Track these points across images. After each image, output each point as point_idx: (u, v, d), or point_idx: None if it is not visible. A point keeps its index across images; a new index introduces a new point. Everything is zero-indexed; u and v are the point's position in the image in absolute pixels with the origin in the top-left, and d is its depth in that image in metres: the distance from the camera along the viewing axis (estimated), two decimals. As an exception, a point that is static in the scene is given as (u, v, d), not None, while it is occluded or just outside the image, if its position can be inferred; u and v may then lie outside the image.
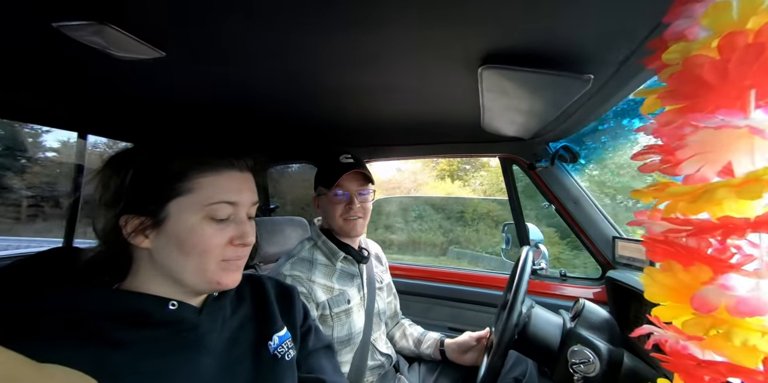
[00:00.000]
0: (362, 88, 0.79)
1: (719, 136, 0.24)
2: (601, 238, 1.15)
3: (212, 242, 0.43)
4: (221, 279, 0.45)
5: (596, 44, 0.53)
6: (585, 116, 0.85)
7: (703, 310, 0.24)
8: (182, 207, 0.43)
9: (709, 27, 0.24)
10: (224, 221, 0.45)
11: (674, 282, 0.28)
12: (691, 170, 0.26)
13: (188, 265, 0.43)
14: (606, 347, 0.72)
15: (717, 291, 0.23)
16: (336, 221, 0.90)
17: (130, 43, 0.55)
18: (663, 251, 0.29)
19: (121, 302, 0.42)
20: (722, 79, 0.23)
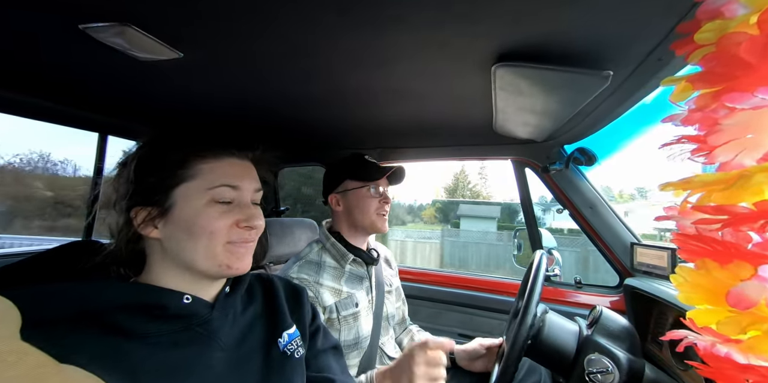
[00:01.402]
0: (373, 90, 0.80)
1: (759, 117, 0.22)
2: (618, 244, 1.11)
3: (218, 223, 0.45)
4: (231, 263, 0.45)
5: (616, 40, 0.51)
6: (602, 116, 0.83)
7: (740, 307, 0.22)
8: (187, 193, 0.45)
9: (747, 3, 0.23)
10: (228, 205, 0.46)
11: (710, 282, 0.26)
12: (727, 156, 0.24)
13: (198, 248, 0.44)
14: (626, 356, 0.68)
15: (756, 285, 0.21)
16: (369, 216, 0.91)
17: (150, 43, 0.56)
18: (696, 248, 0.27)
19: (138, 294, 0.42)
20: (763, 57, 0.21)
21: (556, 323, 0.77)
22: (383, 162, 1.48)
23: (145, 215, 0.44)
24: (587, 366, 0.68)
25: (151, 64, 0.64)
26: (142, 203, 0.44)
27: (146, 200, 0.44)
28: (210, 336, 0.45)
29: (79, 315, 0.37)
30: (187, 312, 0.44)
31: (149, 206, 0.44)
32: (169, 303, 0.43)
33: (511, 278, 1.42)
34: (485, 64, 0.63)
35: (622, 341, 0.74)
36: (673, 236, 0.30)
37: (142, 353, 0.38)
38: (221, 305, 0.48)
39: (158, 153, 0.46)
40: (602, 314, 0.80)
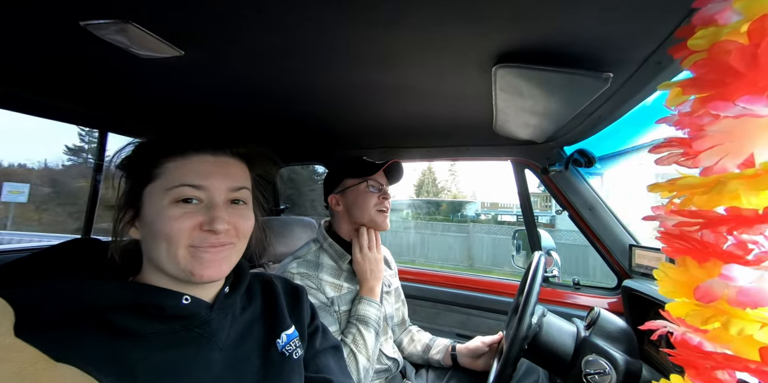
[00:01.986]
0: (374, 89, 0.80)
1: (741, 125, 0.23)
2: (617, 246, 1.11)
3: (175, 225, 0.41)
4: (194, 270, 0.42)
5: (617, 42, 0.52)
6: (602, 117, 0.83)
7: (704, 301, 0.23)
8: (152, 193, 0.43)
9: (741, 11, 0.23)
10: (192, 206, 0.43)
11: (687, 278, 0.27)
12: (710, 161, 0.24)
13: (160, 251, 0.42)
14: (623, 358, 0.68)
15: (720, 282, 0.22)
16: (369, 212, 0.91)
17: (151, 41, 0.57)
18: (679, 246, 0.28)
19: (137, 295, 0.42)
20: (751, 65, 0.22)
21: (554, 324, 0.78)
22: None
23: (126, 217, 0.44)
24: (585, 368, 0.68)
25: (153, 61, 0.64)
26: (126, 204, 0.45)
27: (127, 200, 0.45)
28: (208, 337, 0.44)
29: (75, 314, 0.37)
30: (186, 313, 0.44)
31: (130, 208, 0.44)
32: (168, 303, 0.42)
33: (509, 278, 1.42)
34: (486, 64, 0.63)
35: (619, 342, 0.74)
36: (659, 234, 0.30)
37: (139, 353, 0.38)
38: (220, 305, 0.47)
39: (136, 154, 0.46)
40: (600, 315, 0.80)
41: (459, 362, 0.99)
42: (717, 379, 0.25)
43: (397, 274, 1.11)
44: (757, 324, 0.23)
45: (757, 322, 0.23)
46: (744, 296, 0.22)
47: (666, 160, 0.31)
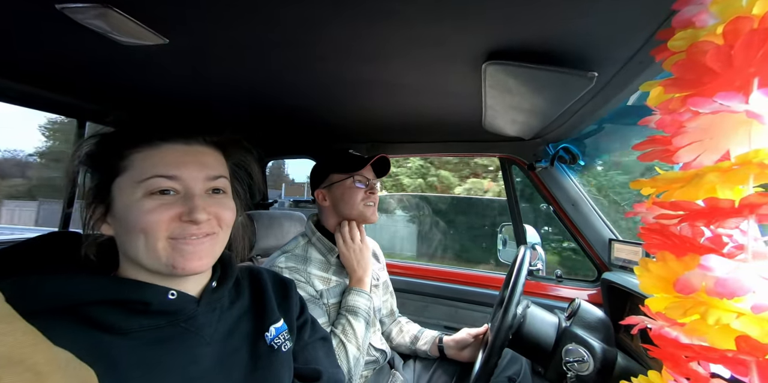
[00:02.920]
0: (363, 84, 0.79)
1: (718, 122, 0.24)
2: (597, 240, 1.15)
3: (151, 218, 0.40)
4: (176, 262, 0.41)
5: (602, 41, 0.53)
6: (586, 115, 0.85)
7: (684, 292, 0.24)
8: (121, 186, 0.41)
9: (717, 13, 0.25)
10: (169, 197, 0.42)
11: (666, 273, 0.28)
12: (689, 157, 0.26)
13: (138, 246, 0.40)
14: (600, 346, 0.72)
15: (699, 273, 0.24)
16: (356, 207, 0.91)
17: (133, 28, 0.54)
18: (658, 241, 0.29)
19: (120, 290, 0.41)
20: (726, 65, 0.23)
21: (537, 316, 0.81)
22: (374, 157, 1.49)
23: (96, 213, 0.43)
24: (565, 356, 0.71)
25: (135, 49, 0.62)
26: (95, 199, 0.43)
27: (95, 196, 0.43)
28: (195, 332, 0.44)
29: (56, 309, 0.36)
30: (172, 308, 0.43)
31: (98, 203, 0.43)
32: (153, 299, 0.42)
33: (495, 272, 1.46)
34: (476, 61, 0.64)
35: (597, 332, 0.77)
36: (640, 230, 0.32)
37: (123, 348, 0.37)
38: (207, 300, 0.47)
39: (99, 145, 0.44)
40: (580, 306, 0.83)
41: (445, 353, 1.01)
42: (693, 371, 0.26)
43: (385, 267, 1.13)
44: (733, 314, 0.24)
45: (734, 311, 0.24)
46: (721, 286, 0.23)
47: (649, 156, 0.32)
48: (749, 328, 0.24)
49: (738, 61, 0.23)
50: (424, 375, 0.99)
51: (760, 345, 0.23)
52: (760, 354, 0.23)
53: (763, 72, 0.22)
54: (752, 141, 0.24)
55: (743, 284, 0.22)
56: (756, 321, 0.24)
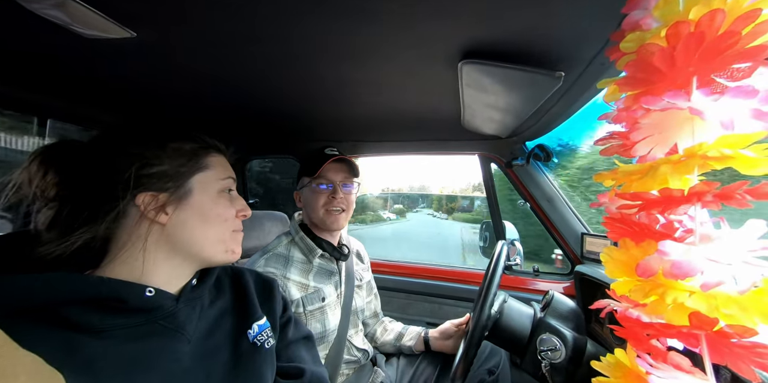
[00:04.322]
0: (342, 82, 0.79)
1: (667, 118, 0.26)
2: (571, 235, 1.20)
3: (229, 212, 0.50)
4: (235, 248, 0.51)
5: (566, 42, 0.55)
6: (558, 114, 0.89)
7: (645, 276, 0.27)
8: (204, 181, 0.49)
9: (659, 18, 0.27)
10: (230, 195, 0.52)
11: (628, 258, 0.30)
12: (644, 151, 0.28)
13: (209, 234, 0.48)
14: (572, 335, 0.75)
15: (657, 258, 0.26)
16: (317, 213, 0.89)
17: (96, 20, 0.52)
18: (619, 229, 0.31)
19: (94, 287, 0.40)
20: (670, 65, 0.25)
21: (514, 308, 0.83)
22: (355, 156, 1.49)
23: (155, 202, 0.45)
24: (539, 345, 0.74)
25: (100, 42, 0.59)
26: (151, 189, 0.45)
27: (157, 186, 0.45)
28: (175, 329, 0.44)
29: (26, 310, 0.35)
30: (149, 306, 0.43)
31: (160, 192, 0.45)
32: (129, 296, 0.41)
33: (476, 268, 1.49)
34: (452, 60, 0.65)
35: (569, 321, 0.81)
36: (603, 219, 0.34)
37: (97, 347, 0.37)
38: (187, 297, 0.47)
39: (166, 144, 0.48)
40: (554, 298, 0.87)
41: (431, 344, 1.03)
42: (653, 347, 0.29)
43: (369, 268, 1.13)
44: (686, 293, 0.26)
45: (687, 291, 0.26)
46: (677, 268, 0.25)
47: (608, 151, 0.34)
48: (699, 305, 0.26)
49: (679, 62, 0.25)
50: (408, 370, 1.00)
51: (708, 320, 0.25)
52: (708, 328, 0.25)
53: (702, 71, 0.25)
54: (696, 135, 0.26)
55: (694, 266, 0.24)
56: (704, 298, 0.26)
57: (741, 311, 0.24)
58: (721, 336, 0.25)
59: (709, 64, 0.25)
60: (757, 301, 0.24)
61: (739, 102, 0.24)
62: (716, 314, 0.25)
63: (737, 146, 0.24)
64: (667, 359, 0.29)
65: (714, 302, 0.25)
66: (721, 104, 0.24)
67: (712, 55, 0.24)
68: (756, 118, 0.24)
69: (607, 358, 0.35)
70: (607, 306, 0.34)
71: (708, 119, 0.25)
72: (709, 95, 0.24)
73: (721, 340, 0.25)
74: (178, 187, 0.46)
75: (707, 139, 0.26)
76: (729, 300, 0.25)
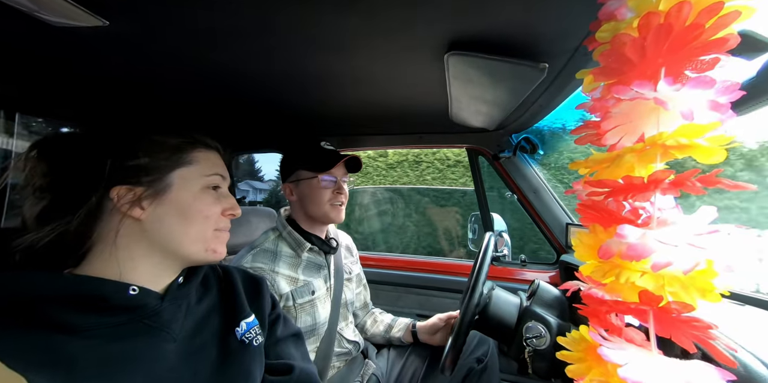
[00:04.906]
0: (329, 75, 0.78)
1: (635, 108, 0.27)
2: (556, 225, 1.23)
3: (212, 209, 0.48)
4: (217, 247, 0.49)
5: (549, 34, 0.56)
6: (544, 106, 0.90)
7: (605, 257, 0.28)
8: (186, 177, 0.47)
9: (633, 8, 0.27)
10: (217, 193, 0.50)
11: (596, 242, 0.32)
12: (614, 140, 0.28)
13: (190, 232, 0.46)
14: (556, 321, 0.77)
15: (615, 241, 0.27)
16: (322, 207, 0.89)
17: (64, 7, 0.49)
18: (590, 215, 0.32)
19: (76, 286, 0.40)
20: (641, 56, 0.25)
21: (501, 298, 0.85)
22: (343, 149, 1.47)
23: (132, 196, 0.43)
24: (525, 333, 0.76)
25: (70, 31, 0.57)
26: (128, 183, 0.43)
27: (134, 180, 0.44)
28: (160, 328, 0.43)
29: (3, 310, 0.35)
30: (133, 304, 0.42)
31: (137, 186, 0.44)
32: (112, 294, 0.41)
33: (464, 260, 1.52)
34: (439, 52, 0.65)
35: (554, 308, 0.83)
36: (577, 205, 0.35)
37: (77, 347, 0.36)
38: (173, 296, 0.46)
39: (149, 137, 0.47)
40: (539, 287, 0.89)
41: (419, 338, 1.05)
42: (611, 324, 0.30)
43: (358, 261, 1.13)
44: (638, 273, 0.28)
45: (639, 271, 0.28)
46: (632, 250, 0.27)
47: (583, 140, 0.35)
48: (648, 283, 0.28)
49: (649, 52, 0.25)
50: (398, 361, 1.02)
51: (655, 297, 0.27)
52: (655, 304, 0.27)
53: (670, 63, 0.25)
54: (660, 125, 0.27)
55: (647, 248, 0.25)
56: (653, 278, 0.28)
57: (683, 289, 0.27)
58: (665, 311, 0.27)
59: (676, 55, 0.26)
60: (697, 280, 0.26)
61: (699, 93, 0.25)
62: (662, 292, 0.27)
63: (694, 135, 0.25)
64: (622, 334, 0.31)
65: (661, 281, 0.28)
66: (682, 94, 0.25)
67: (680, 46, 0.25)
68: (713, 109, 0.25)
69: (572, 334, 0.38)
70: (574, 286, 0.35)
71: (671, 109, 0.26)
72: (672, 85, 0.25)
73: (665, 315, 0.27)
74: (156, 181, 0.45)
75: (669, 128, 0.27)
76: (674, 279, 0.27)
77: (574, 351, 0.35)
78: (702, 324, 0.25)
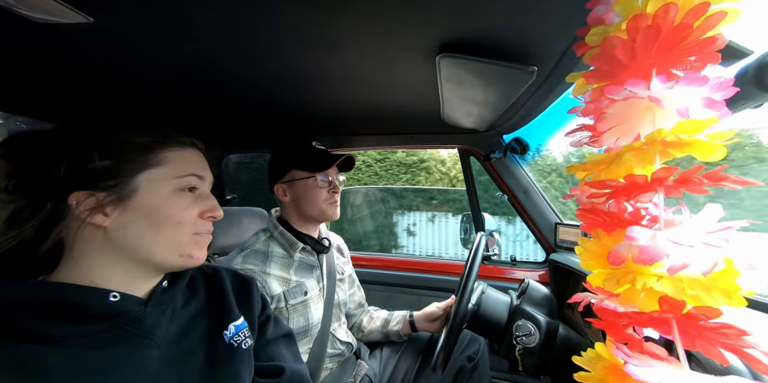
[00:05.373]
0: (323, 74, 0.78)
1: (630, 108, 0.27)
2: (545, 225, 1.25)
3: (186, 213, 0.45)
4: (194, 253, 0.45)
5: (537, 38, 0.57)
6: (533, 108, 0.91)
7: (615, 264, 0.27)
8: (153, 179, 0.43)
9: (620, 12, 0.28)
10: (193, 195, 0.47)
11: (601, 249, 0.31)
12: (610, 141, 0.29)
13: (160, 238, 0.43)
14: (545, 320, 0.79)
15: (626, 244, 0.27)
16: (319, 207, 0.90)
17: (46, 2, 0.48)
18: (592, 220, 0.32)
19: (51, 294, 0.38)
20: (631, 57, 0.26)
21: (491, 297, 0.86)
22: (335, 149, 1.47)
23: (94, 202, 0.40)
24: (515, 331, 0.77)
25: (52, 28, 0.55)
26: (88, 188, 0.40)
27: (94, 184, 0.41)
28: (143, 335, 0.42)
29: None
30: (114, 311, 0.40)
31: (99, 191, 0.41)
32: (92, 301, 0.39)
33: (455, 259, 1.53)
34: (431, 53, 0.65)
35: (543, 307, 0.85)
36: (577, 211, 0.35)
37: (55, 357, 0.35)
38: (157, 301, 0.45)
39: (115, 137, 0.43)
40: (529, 285, 0.90)
41: (417, 327, 1.05)
42: (630, 337, 0.29)
43: (350, 261, 1.13)
44: (655, 278, 0.27)
45: (655, 276, 0.27)
46: (644, 254, 0.25)
47: (578, 143, 0.36)
48: (667, 288, 0.27)
49: (639, 54, 0.26)
50: (391, 360, 1.02)
51: (676, 303, 0.25)
52: (677, 311, 0.26)
53: (660, 63, 0.26)
54: (656, 122, 0.27)
55: (660, 250, 0.24)
56: (671, 282, 0.27)
57: (704, 291, 0.25)
58: (690, 318, 0.25)
59: (666, 55, 0.26)
60: (718, 281, 0.25)
61: (693, 90, 0.25)
62: (683, 296, 0.25)
63: (693, 131, 0.25)
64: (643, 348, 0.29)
65: (680, 284, 0.26)
66: (676, 91, 0.25)
67: (669, 46, 0.26)
68: (708, 106, 0.26)
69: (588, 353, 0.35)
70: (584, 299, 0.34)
71: (666, 107, 0.26)
72: (665, 83, 0.25)
73: (690, 324, 0.26)
74: (119, 185, 0.41)
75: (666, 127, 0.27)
76: (694, 281, 0.26)
77: (592, 371, 0.32)
78: (734, 332, 0.23)
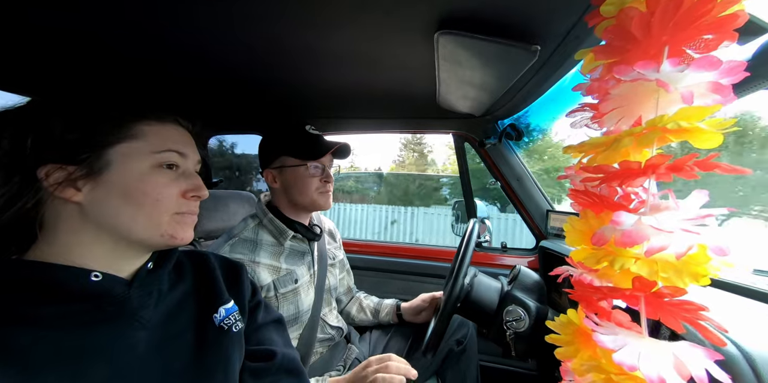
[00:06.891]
0: (310, 52, 0.73)
1: (635, 89, 0.26)
2: (537, 212, 1.26)
3: (165, 191, 0.43)
4: (176, 233, 0.44)
5: (542, 15, 0.54)
6: (531, 91, 0.89)
7: (599, 244, 0.28)
8: (128, 153, 0.41)
9: (641, -19, 0.25)
10: (174, 173, 0.45)
11: (587, 228, 0.32)
12: (611, 123, 0.28)
13: (138, 217, 0.41)
14: (535, 305, 0.80)
15: (610, 228, 0.27)
16: (310, 195, 0.86)
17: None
18: (582, 201, 0.32)
19: (28, 273, 0.36)
20: (646, 32, 0.24)
21: (483, 283, 0.87)
22: (327, 133, 1.43)
23: (64, 175, 0.38)
24: (505, 316, 0.79)
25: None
26: (57, 161, 0.38)
27: (64, 157, 0.39)
28: (128, 316, 0.41)
29: None
30: (96, 291, 0.39)
31: (69, 165, 0.39)
32: (72, 281, 0.38)
33: (447, 245, 1.54)
34: (428, 30, 0.62)
35: (533, 292, 0.86)
36: (569, 191, 0.35)
37: (31, 338, 0.34)
38: (141, 282, 0.44)
39: (85, 108, 0.41)
40: (520, 271, 0.91)
41: (404, 318, 1.07)
42: (601, 308, 0.31)
43: (341, 247, 1.12)
44: (632, 259, 0.28)
45: (633, 257, 0.28)
46: (626, 237, 0.26)
47: (578, 124, 0.34)
48: (642, 270, 0.28)
49: (655, 29, 0.24)
50: (380, 344, 1.03)
51: (648, 283, 0.27)
52: (647, 290, 0.27)
53: (674, 41, 0.24)
54: (659, 108, 0.26)
55: (641, 234, 0.25)
56: (647, 263, 0.28)
57: (675, 274, 0.27)
58: (657, 295, 0.27)
59: (682, 32, 0.24)
60: (689, 265, 0.27)
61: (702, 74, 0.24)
62: (655, 277, 0.27)
63: (695, 118, 0.24)
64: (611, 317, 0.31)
65: (655, 267, 0.28)
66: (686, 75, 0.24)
67: (687, 22, 0.24)
68: (714, 91, 0.24)
69: (560, 318, 0.38)
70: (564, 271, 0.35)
71: (672, 92, 0.25)
72: (676, 66, 0.24)
73: (656, 299, 0.28)
74: (90, 158, 0.39)
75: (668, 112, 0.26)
76: (667, 264, 0.27)
77: (562, 334, 0.35)
78: (693, 306, 0.26)
